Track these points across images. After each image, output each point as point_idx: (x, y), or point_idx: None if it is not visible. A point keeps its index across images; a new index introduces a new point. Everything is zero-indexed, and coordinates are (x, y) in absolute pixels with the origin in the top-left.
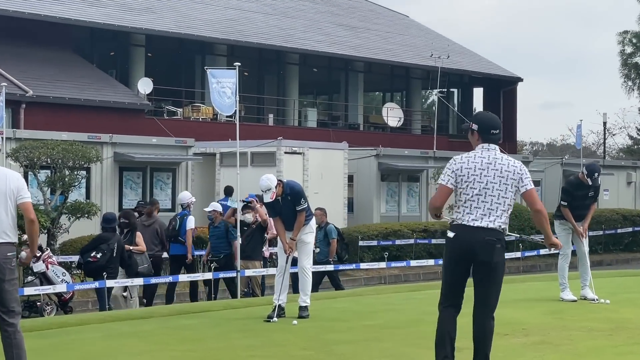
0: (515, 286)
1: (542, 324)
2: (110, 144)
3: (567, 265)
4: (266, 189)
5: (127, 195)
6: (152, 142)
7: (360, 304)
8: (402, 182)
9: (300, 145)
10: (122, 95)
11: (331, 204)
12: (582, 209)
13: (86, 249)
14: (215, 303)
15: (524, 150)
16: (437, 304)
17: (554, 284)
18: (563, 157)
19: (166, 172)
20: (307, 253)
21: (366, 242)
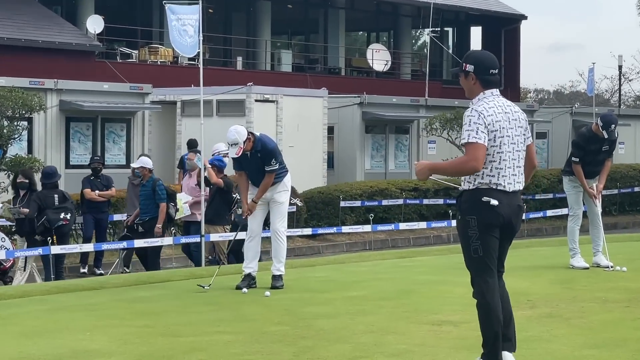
0: (519, 252)
1: (550, 295)
2: (55, 90)
3: (577, 228)
4: (233, 142)
5: (75, 149)
6: (104, 89)
7: (342, 273)
8: (390, 134)
9: (273, 92)
10: (68, 35)
11: (309, 159)
12: (595, 164)
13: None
14: (177, 272)
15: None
16: (429, 272)
17: (563, 249)
18: (573, 106)
19: (119, 123)
20: (281, 214)
21: (348, 203)
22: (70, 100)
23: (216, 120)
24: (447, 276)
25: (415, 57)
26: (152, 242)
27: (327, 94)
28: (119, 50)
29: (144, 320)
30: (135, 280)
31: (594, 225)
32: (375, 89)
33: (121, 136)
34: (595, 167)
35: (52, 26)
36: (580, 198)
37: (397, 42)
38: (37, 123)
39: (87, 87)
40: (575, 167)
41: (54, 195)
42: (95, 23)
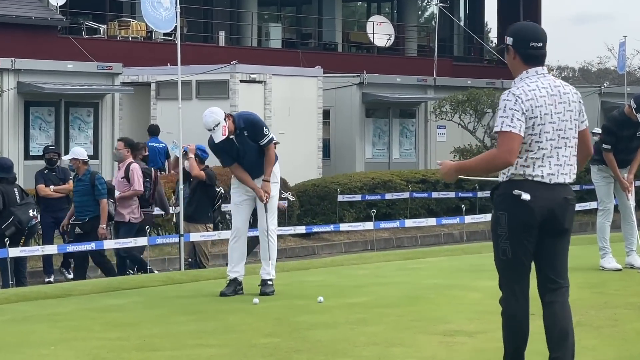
0: None
1: (577, 300)
2: (12, 71)
3: (608, 224)
4: (214, 124)
5: (36, 137)
6: (67, 69)
7: (340, 277)
8: (393, 118)
9: (261, 72)
10: (27, 8)
11: (302, 147)
12: (627, 152)
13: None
14: (153, 277)
15: None
16: (439, 275)
17: (593, 248)
18: (602, 85)
19: (86, 108)
20: (270, 210)
21: (347, 197)
22: (30, 82)
23: (196, 104)
24: (460, 280)
25: (422, 31)
26: (124, 242)
27: (322, 74)
28: (84, 25)
29: (116, 332)
30: (106, 287)
31: (626, 221)
32: (377, 67)
33: (88, 122)
34: (628, 155)
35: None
36: (611, 190)
37: (401, 13)
38: None
39: (48, 67)
40: (607, 155)
41: (14, 190)
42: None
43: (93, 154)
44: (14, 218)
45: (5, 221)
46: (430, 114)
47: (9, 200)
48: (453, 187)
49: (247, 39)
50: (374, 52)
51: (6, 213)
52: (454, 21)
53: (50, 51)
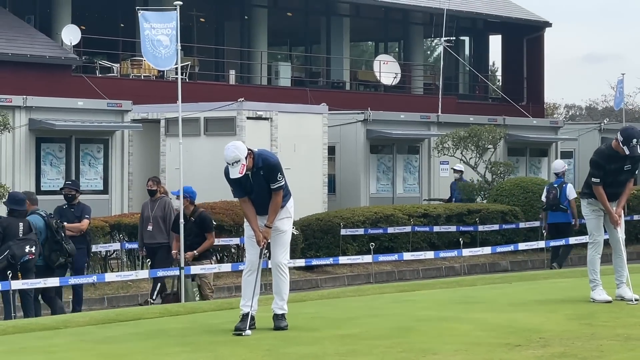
0: (535, 285)
1: (565, 332)
2: (24, 108)
3: (598, 256)
4: (233, 160)
5: (47, 173)
6: (78, 106)
7: (334, 309)
8: (398, 154)
9: (267, 109)
10: (41, 47)
11: (307, 182)
12: (616, 186)
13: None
14: (150, 309)
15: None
16: (432, 307)
17: (585, 281)
18: (601, 122)
19: (96, 144)
20: (282, 245)
21: (350, 231)
22: (41, 119)
23: (204, 140)
24: (452, 312)
25: (428, 69)
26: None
27: (328, 111)
28: (98, 64)
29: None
30: (103, 319)
31: (617, 253)
32: (384, 104)
33: (98, 158)
34: (616, 188)
35: (23, 37)
36: (601, 223)
37: (408, 52)
38: (4, 144)
39: (59, 104)
40: (596, 188)
41: (19, 224)
42: (72, 34)
43: (103, 189)
44: (8, 252)
45: (1, 254)
46: (433, 149)
47: (10, 233)
48: (454, 221)
49: (257, 77)
50: (381, 90)
51: (3, 247)
52: (459, 60)
53: (64, 90)
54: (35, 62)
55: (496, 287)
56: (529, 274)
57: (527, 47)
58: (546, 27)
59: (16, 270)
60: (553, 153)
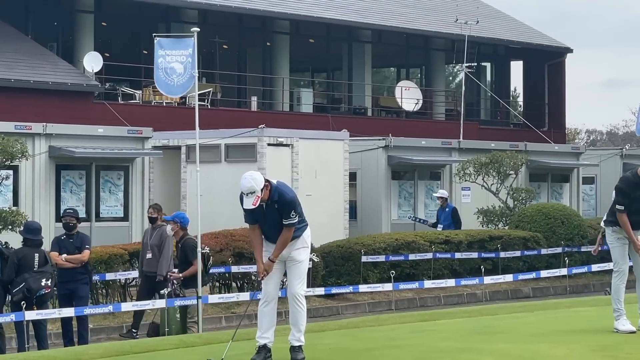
0: (557, 313)
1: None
2: (43, 135)
3: (623, 285)
4: (249, 191)
5: (67, 200)
6: (98, 133)
7: (353, 339)
8: (419, 180)
9: (288, 135)
10: (63, 74)
11: (328, 209)
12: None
13: (10, 275)
14: (166, 340)
15: (576, 140)
16: (453, 337)
17: (609, 310)
18: (623, 147)
19: (116, 171)
20: (299, 275)
21: (371, 258)
22: (61, 146)
23: (225, 167)
24: (473, 343)
25: (450, 95)
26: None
27: (349, 137)
28: (120, 91)
29: None
30: (118, 351)
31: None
32: (406, 130)
33: (118, 185)
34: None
35: (45, 65)
36: (626, 251)
37: (429, 78)
38: (24, 171)
39: (79, 131)
40: (620, 216)
41: (35, 255)
42: (94, 61)
43: (123, 216)
44: (24, 285)
45: (16, 287)
46: (454, 176)
47: (25, 265)
48: (476, 247)
49: (279, 104)
50: (403, 116)
51: (19, 279)
52: (480, 86)
53: (86, 116)
54: (57, 89)
55: (518, 317)
56: (551, 303)
57: (548, 72)
58: (567, 52)
59: (32, 303)
60: (575, 179)
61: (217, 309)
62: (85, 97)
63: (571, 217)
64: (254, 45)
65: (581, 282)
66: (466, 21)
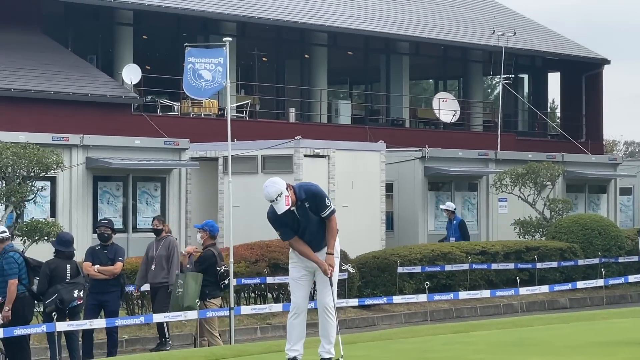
0: (593, 325)
1: None
2: (80, 147)
3: None
4: (276, 194)
5: (104, 211)
6: (135, 145)
7: (385, 352)
8: (456, 191)
9: (325, 146)
10: (102, 86)
11: (365, 219)
12: None
13: (43, 286)
14: (196, 352)
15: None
16: (486, 350)
17: None
18: None
19: (153, 182)
20: (329, 286)
21: (407, 269)
22: (98, 158)
23: (261, 178)
24: (506, 355)
25: (487, 107)
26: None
27: (385, 148)
28: (159, 103)
29: None
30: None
31: None
32: (443, 141)
33: (155, 196)
34: None
35: (84, 77)
36: None
37: (467, 90)
38: (61, 183)
39: (116, 142)
40: None
41: (67, 266)
42: (132, 73)
43: None
44: (57, 296)
45: (49, 298)
46: (491, 187)
47: (57, 276)
48: (512, 258)
49: (317, 115)
50: (441, 127)
51: (52, 290)
52: (518, 97)
53: (124, 128)
54: (95, 101)
55: (553, 328)
56: (586, 314)
57: (586, 84)
58: (605, 64)
59: (64, 315)
60: (612, 190)
61: (253, 319)
62: (124, 109)
63: (608, 228)
64: (292, 57)
65: (618, 293)
66: (503, 33)
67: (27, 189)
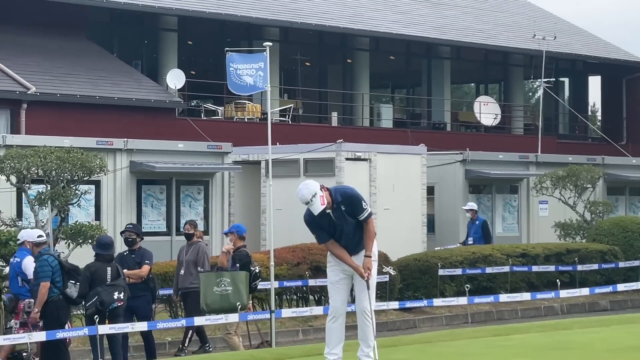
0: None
1: None
2: (125, 151)
3: None
4: (310, 195)
5: (148, 214)
6: (178, 148)
7: (426, 355)
8: (497, 193)
9: (366, 150)
10: (147, 91)
11: (406, 222)
12: None
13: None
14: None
15: None
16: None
17: None
18: None
19: (197, 186)
20: (367, 290)
21: (448, 271)
22: (142, 161)
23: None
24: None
25: (528, 110)
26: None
27: (426, 151)
28: (203, 107)
29: None
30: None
31: None
32: (484, 144)
33: (198, 200)
34: None
35: (129, 82)
36: None
37: (508, 94)
38: (105, 187)
39: (160, 146)
40: None
41: (107, 269)
42: (176, 78)
43: (204, 230)
44: (97, 298)
45: (89, 300)
46: (531, 189)
47: (98, 279)
48: (553, 260)
49: (359, 119)
50: (482, 130)
51: (92, 292)
52: (558, 101)
53: (169, 132)
54: (140, 105)
55: (593, 331)
56: (627, 317)
57: (626, 87)
58: None
59: (105, 317)
60: None
61: (295, 322)
62: (168, 114)
63: (629, 225)
64: (334, 62)
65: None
66: (544, 37)
67: (71, 193)
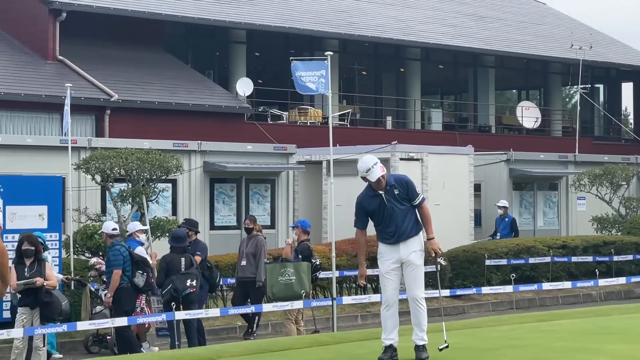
0: None
1: None
2: (199, 152)
3: None
4: (372, 163)
5: (220, 210)
6: (247, 150)
7: (474, 339)
8: (538, 190)
9: (418, 151)
10: (218, 98)
11: (455, 216)
12: None
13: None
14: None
15: None
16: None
17: None
18: None
19: (264, 184)
20: (418, 280)
21: (494, 261)
22: (214, 162)
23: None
24: (589, 343)
25: (566, 114)
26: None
27: (474, 152)
28: (269, 113)
29: None
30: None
31: None
32: (525, 146)
33: (265, 197)
34: None
35: (203, 90)
36: None
37: (547, 99)
38: (182, 185)
39: (230, 148)
40: None
41: (181, 259)
42: (245, 86)
43: (270, 224)
44: (171, 286)
45: (165, 288)
46: (570, 186)
47: (173, 269)
48: (591, 251)
49: (411, 123)
50: (524, 133)
51: (167, 281)
52: (594, 105)
53: (238, 136)
54: (212, 111)
55: (631, 317)
56: None
57: None
58: None
59: (179, 302)
60: None
61: (354, 308)
62: (238, 118)
63: None
64: (388, 70)
65: None
66: (580, 47)
67: (150, 190)
